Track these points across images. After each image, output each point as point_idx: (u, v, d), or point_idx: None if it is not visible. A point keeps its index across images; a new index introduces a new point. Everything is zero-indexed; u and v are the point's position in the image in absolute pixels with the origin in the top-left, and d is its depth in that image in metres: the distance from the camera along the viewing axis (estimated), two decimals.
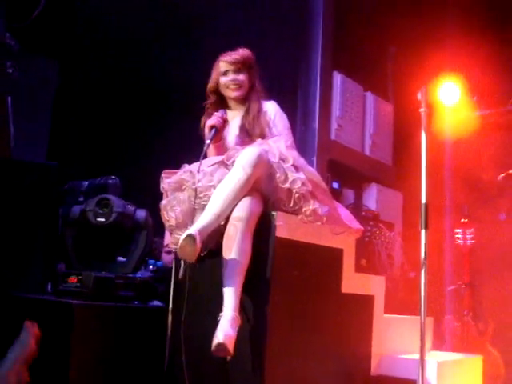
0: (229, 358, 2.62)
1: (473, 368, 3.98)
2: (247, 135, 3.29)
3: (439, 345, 4.73)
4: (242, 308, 2.78)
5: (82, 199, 3.59)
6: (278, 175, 2.88)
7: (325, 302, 3.13)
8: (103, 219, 3.30)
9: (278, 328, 2.81)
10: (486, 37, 5.42)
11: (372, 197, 5.60)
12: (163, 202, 3.06)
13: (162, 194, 3.10)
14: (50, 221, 3.47)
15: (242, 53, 3.40)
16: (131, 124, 5.72)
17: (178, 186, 3.03)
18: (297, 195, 2.89)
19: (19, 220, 3.39)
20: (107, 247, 3.40)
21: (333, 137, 5.18)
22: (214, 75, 3.43)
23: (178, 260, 2.96)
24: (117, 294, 3.15)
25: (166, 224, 3.06)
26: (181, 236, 2.63)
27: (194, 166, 3.00)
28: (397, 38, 5.91)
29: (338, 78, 5.30)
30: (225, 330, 2.57)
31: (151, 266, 3.56)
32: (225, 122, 3.31)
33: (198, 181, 2.94)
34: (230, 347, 2.55)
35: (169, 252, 4.07)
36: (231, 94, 3.40)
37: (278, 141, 3.07)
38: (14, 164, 3.57)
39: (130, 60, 5.84)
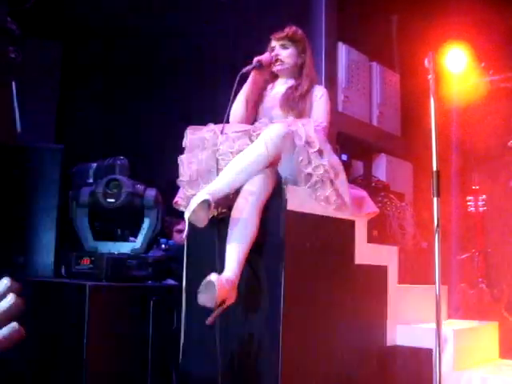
0: (216, 304, 2.54)
1: (489, 334, 3.99)
2: (288, 108, 3.29)
3: (454, 313, 4.73)
4: (257, 283, 2.79)
5: (91, 181, 3.57)
6: (300, 158, 2.87)
7: (338, 274, 3.13)
8: (113, 200, 3.29)
9: (293, 301, 2.81)
10: (492, 2, 5.34)
11: (381, 168, 5.59)
12: (182, 156, 3.05)
13: (172, 171, 3.08)
14: (60, 204, 3.46)
15: (288, 30, 3.42)
16: (138, 103, 5.69)
17: (199, 144, 3.02)
18: (317, 179, 2.89)
19: (29, 204, 3.39)
20: (119, 227, 3.39)
21: (340, 108, 5.15)
22: (268, 51, 3.44)
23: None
24: (130, 274, 3.16)
25: (180, 178, 3.05)
26: (191, 192, 2.63)
27: (219, 127, 2.99)
28: (400, 6, 5.85)
29: (342, 49, 5.26)
30: (219, 278, 2.53)
31: (163, 245, 3.56)
32: (272, 63, 3.35)
33: (220, 143, 2.93)
34: (219, 292, 2.50)
35: (179, 231, 4.08)
36: (274, 68, 3.41)
37: (308, 123, 3.03)
38: (20, 149, 3.56)
39: (134, 36, 5.80)
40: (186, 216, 2.62)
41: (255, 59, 3.28)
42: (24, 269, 3.30)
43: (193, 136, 3.06)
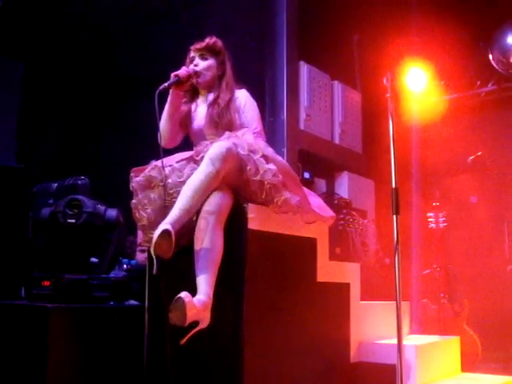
0: (184, 323, 2.50)
1: (451, 349, 4.03)
2: (213, 125, 3.24)
3: (416, 328, 4.77)
4: (218, 302, 2.77)
5: (51, 201, 3.53)
6: (248, 167, 2.86)
7: (301, 292, 3.13)
8: (73, 220, 3.26)
9: (255, 320, 2.80)
10: (450, 20, 5.45)
11: (344, 185, 5.63)
12: (134, 201, 3.02)
13: (132, 191, 3.07)
14: (19, 224, 3.42)
15: (208, 40, 3.38)
16: (99, 123, 5.67)
17: (147, 184, 3.00)
18: (268, 186, 2.88)
19: None
20: (79, 248, 3.36)
21: (302, 127, 5.18)
22: (187, 63, 3.39)
23: (151, 257, 2.92)
24: (92, 295, 3.12)
25: (138, 223, 3.02)
26: (153, 234, 2.60)
27: (162, 161, 2.96)
28: (361, 25, 5.94)
29: (304, 68, 5.31)
30: (190, 297, 2.52)
31: (125, 265, 3.53)
32: (190, 77, 3.26)
33: (167, 177, 2.92)
34: (189, 310, 2.48)
35: (143, 250, 4.05)
36: (193, 80, 3.32)
37: (246, 132, 3.05)
38: None
39: (96, 58, 5.80)
40: (152, 251, 2.59)
41: (172, 74, 3.19)
42: None
43: (138, 178, 3.04)
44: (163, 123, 3.24)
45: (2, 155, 5.39)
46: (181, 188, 2.82)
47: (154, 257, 2.59)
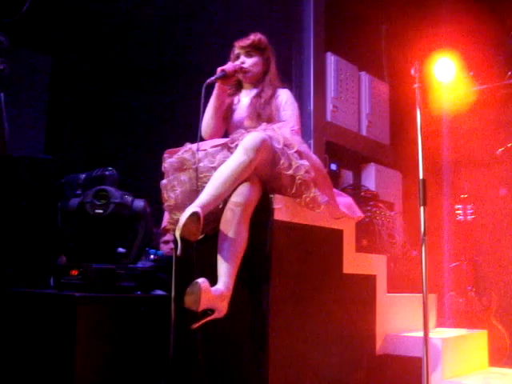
0: (199, 308, 2.53)
1: (478, 343, 4.00)
2: (256, 116, 3.30)
3: (444, 321, 4.74)
4: (244, 292, 2.79)
5: (79, 192, 3.57)
6: (281, 161, 2.87)
7: (326, 284, 3.13)
8: (101, 210, 3.29)
9: (281, 312, 2.81)
10: (479, 9, 5.37)
11: (371, 177, 5.59)
12: (164, 181, 3.04)
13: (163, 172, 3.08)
14: (48, 215, 3.46)
15: (253, 37, 3.46)
16: (127, 114, 5.71)
17: (179, 166, 3.01)
18: (299, 182, 2.88)
19: (18, 215, 3.39)
20: (107, 238, 3.39)
21: (329, 118, 5.16)
22: (231, 59, 3.48)
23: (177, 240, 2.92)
24: (118, 285, 3.15)
25: (165, 204, 3.03)
26: (179, 216, 2.62)
27: (196, 145, 2.99)
28: (389, 15, 5.89)
29: (331, 59, 5.27)
30: (207, 283, 2.54)
31: (152, 256, 3.56)
32: (236, 72, 3.36)
33: (199, 160, 2.94)
34: (203, 296, 2.50)
35: (166, 242, 4.07)
36: (239, 76, 3.44)
37: (284, 126, 3.06)
38: (9, 160, 3.56)
39: (123, 49, 5.83)
40: (177, 233, 2.59)
41: (219, 69, 3.28)
42: (14, 281, 3.28)
43: (171, 159, 3.06)
44: (208, 117, 3.34)
45: (31, 147, 5.45)
46: (211, 173, 2.84)
47: (178, 238, 2.59)
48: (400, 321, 3.75)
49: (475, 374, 3.70)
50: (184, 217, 2.56)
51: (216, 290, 2.58)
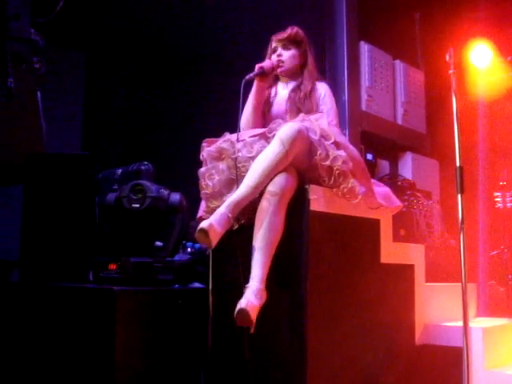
0: (252, 329, 2.59)
1: None
2: (295, 111, 3.29)
3: (484, 311, 4.67)
4: (281, 285, 2.79)
5: (116, 187, 3.61)
6: (318, 152, 2.86)
7: (364, 273, 3.11)
8: (138, 205, 3.32)
9: (318, 302, 2.81)
10: None
11: (407, 166, 5.55)
12: (202, 169, 3.06)
13: (196, 176, 3.10)
14: (87, 210, 3.50)
15: (290, 30, 3.44)
16: (162, 109, 5.74)
17: (217, 155, 3.04)
18: (337, 172, 2.87)
19: (57, 212, 3.43)
20: (144, 232, 3.42)
21: (364, 108, 5.13)
22: (268, 52, 3.48)
23: None
24: (156, 278, 3.17)
25: (202, 191, 3.05)
26: (215, 205, 2.67)
27: (235, 136, 3.01)
28: (422, 2, 5.82)
29: (365, 48, 5.24)
30: (248, 299, 2.57)
31: (189, 249, 3.57)
32: (273, 69, 3.36)
33: (238, 150, 2.95)
34: (252, 316, 2.55)
35: None
36: (277, 70, 3.42)
37: (321, 118, 3.06)
38: (48, 157, 3.61)
39: (158, 42, 5.86)
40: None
41: (257, 66, 3.28)
42: (54, 276, 3.33)
43: (209, 148, 3.08)
44: (248, 113, 3.34)
45: (68, 144, 5.53)
46: (249, 163, 2.87)
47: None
48: (439, 311, 3.71)
49: None
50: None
51: (256, 296, 2.60)
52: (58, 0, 4.09)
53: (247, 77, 3.18)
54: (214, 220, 2.63)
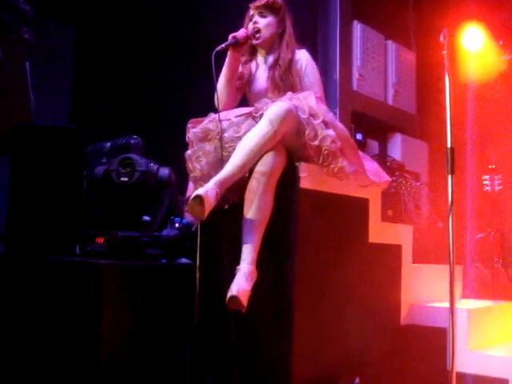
0: (243, 310, 2.62)
1: (504, 314, 3.96)
2: (276, 88, 3.22)
3: (469, 293, 4.71)
4: (269, 262, 2.79)
5: (104, 160, 3.58)
6: (307, 132, 2.84)
7: (352, 252, 3.12)
8: (126, 178, 3.30)
9: (306, 281, 2.81)
10: None
11: (397, 147, 5.54)
12: (188, 152, 3.02)
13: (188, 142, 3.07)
14: (74, 183, 3.47)
15: None
16: (151, 83, 5.69)
17: (203, 136, 3.00)
18: (326, 152, 2.85)
19: (44, 184, 3.40)
20: (132, 206, 3.40)
21: (355, 87, 5.11)
22: (245, 22, 3.35)
23: None
24: (144, 253, 3.16)
25: (191, 174, 3.03)
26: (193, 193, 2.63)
27: (220, 114, 2.96)
28: None
29: (358, 28, 5.20)
30: (239, 284, 2.59)
31: (177, 224, 3.56)
32: (249, 39, 3.24)
33: (224, 130, 2.91)
34: (244, 300, 2.58)
35: None
36: (253, 41, 3.29)
37: (309, 95, 2.99)
38: (35, 128, 3.57)
39: (147, 20, 5.80)
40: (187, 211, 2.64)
41: (230, 36, 3.16)
42: (41, 248, 3.31)
43: (195, 130, 3.03)
44: (221, 86, 3.23)
45: (57, 117, 5.47)
46: (237, 143, 2.82)
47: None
48: (425, 291, 3.73)
49: (501, 345, 3.67)
50: (190, 197, 2.58)
51: (246, 278, 2.62)
52: None
53: (218, 48, 3.06)
54: (206, 190, 2.60)
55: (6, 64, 3.55)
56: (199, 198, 2.55)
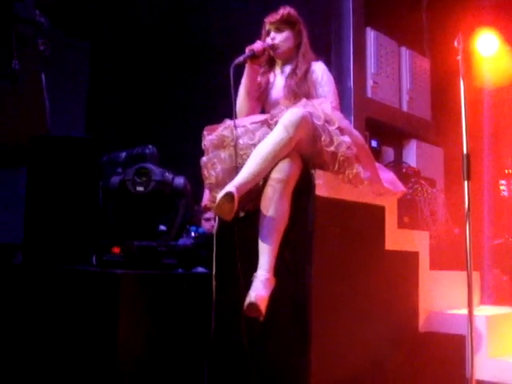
0: (261, 318, 2.62)
1: None
2: (293, 95, 3.21)
3: (487, 299, 4.67)
4: (286, 270, 2.78)
5: (120, 170, 3.60)
6: (322, 138, 2.83)
7: (369, 260, 3.10)
8: (142, 188, 3.32)
9: (323, 289, 2.79)
10: None
11: (412, 153, 5.53)
12: (204, 158, 3.02)
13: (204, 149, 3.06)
14: (91, 193, 3.49)
15: (282, 11, 3.32)
16: (166, 93, 5.72)
17: (219, 143, 2.99)
18: (342, 158, 2.84)
19: (61, 194, 3.42)
20: (148, 216, 3.41)
21: (369, 94, 5.10)
22: (262, 36, 3.37)
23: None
24: (160, 262, 3.17)
25: (206, 181, 3.02)
26: (218, 194, 2.63)
27: (236, 121, 2.96)
28: None
29: (371, 35, 5.20)
30: (257, 290, 2.59)
31: (193, 233, 3.57)
32: (265, 51, 3.26)
33: (238, 137, 2.91)
34: (262, 307, 2.58)
35: (208, 219, 4.08)
36: (271, 53, 3.33)
37: (324, 102, 3.00)
38: (51, 140, 3.59)
39: (160, 31, 5.84)
40: (214, 212, 2.63)
41: (247, 49, 3.18)
42: (58, 258, 3.32)
43: (211, 136, 3.03)
44: (241, 98, 3.26)
45: (72, 127, 5.51)
46: (251, 150, 2.82)
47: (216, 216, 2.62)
48: (443, 298, 3.70)
49: None
50: (219, 196, 2.58)
51: (264, 286, 2.62)
52: None
53: (236, 60, 3.08)
54: (235, 187, 2.60)
55: (22, 75, 3.57)
56: (230, 194, 2.56)
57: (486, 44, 4.60)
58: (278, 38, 3.30)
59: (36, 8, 3.87)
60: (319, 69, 3.31)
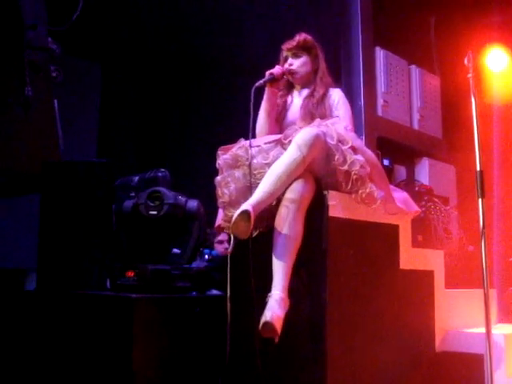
0: (276, 338, 2.61)
1: None
2: (309, 116, 3.26)
3: (504, 317, 4.62)
4: (300, 290, 2.77)
5: (133, 194, 3.61)
6: (336, 157, 2.84)
7: (384, 280, 3.09)
8: (155, 212, 3.32)
9: (338, 309, 2.78)
10: None
11: (424, 171, 5.52)
12: (218, 177, 3.04)
13: (213, 183, 3.09)
14: (104, 217, 3.49)
15: (298, 38, 3.41)
16: (178, 116, 5.76)
17: (233, 163, 3.02)
18: (355, 177, 2.85)
19: (74, 219, 3.43)
20: (161, 239, 3.41)
21: (380, 113, 5.11)
22: (280, 61, 3.45)
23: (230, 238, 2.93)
24: (174, 286, 3.16)
25: (220, 200, 3.04)
26: (233, 213, 2.63)
27: (250, 141, 2.99)
28: (437, 6, 5.79)
29: (380, 54, 5.22)
30: (272, 310, 2.57)
31: (206, 256, 3.56)
32: (284, 75, 3.36)
33: (253, 157, 2.93)
34: (278, 327, 2.56)
35: (220, 241, 4.08)
36: (290, 78, 3.42)
37: (337, 122, 3.04)
38: (64, 165, 3.61)
39: (171, 52, 5.88)
40: (230, 230, 2.63)
41: (267, 73, 3.28)
42: (71, 283, 3.32)
43: (225, 156, 3.06)
44: (261, 120, 3.34)
45: (85, 151, 5.54)
46: (265, 170, 2.84)
47: (231, 235, 2.64)
48: (459, 317, 3.67)
49: None
50: (236, 214, 2.59)
51: (279, 306, 2.61)
52: (74, 9, 4.10)
53: (257, 84, 3.17)
54: (251, 206, 2.61)
55: (34, 102, 3.60)
56: (246, 213, 2.57)
57: (495, 60, 4.61)
58: (295, 64, 3.39)
59: (48, 35, 3.91)
60: (336, 94, 3.38)
